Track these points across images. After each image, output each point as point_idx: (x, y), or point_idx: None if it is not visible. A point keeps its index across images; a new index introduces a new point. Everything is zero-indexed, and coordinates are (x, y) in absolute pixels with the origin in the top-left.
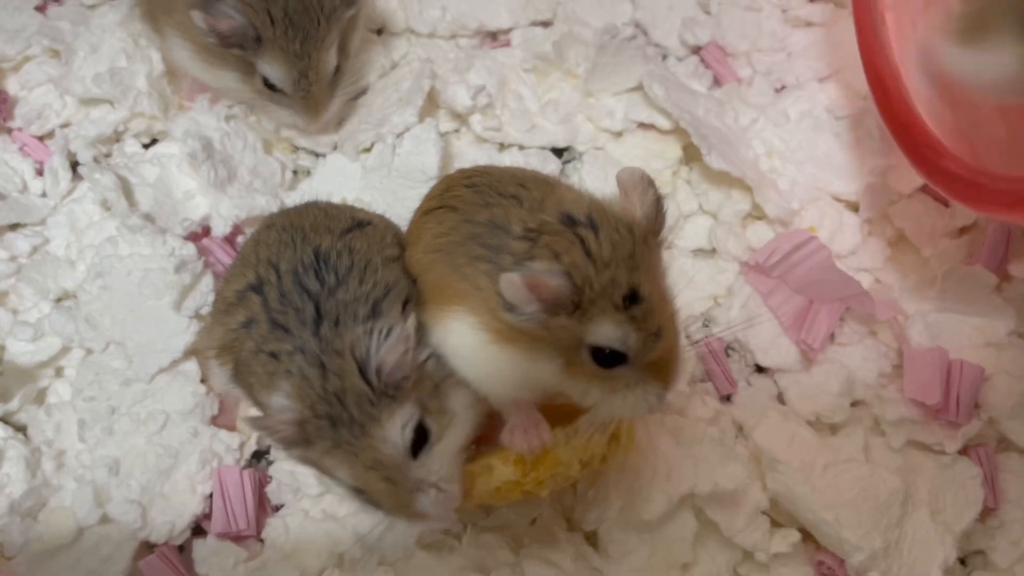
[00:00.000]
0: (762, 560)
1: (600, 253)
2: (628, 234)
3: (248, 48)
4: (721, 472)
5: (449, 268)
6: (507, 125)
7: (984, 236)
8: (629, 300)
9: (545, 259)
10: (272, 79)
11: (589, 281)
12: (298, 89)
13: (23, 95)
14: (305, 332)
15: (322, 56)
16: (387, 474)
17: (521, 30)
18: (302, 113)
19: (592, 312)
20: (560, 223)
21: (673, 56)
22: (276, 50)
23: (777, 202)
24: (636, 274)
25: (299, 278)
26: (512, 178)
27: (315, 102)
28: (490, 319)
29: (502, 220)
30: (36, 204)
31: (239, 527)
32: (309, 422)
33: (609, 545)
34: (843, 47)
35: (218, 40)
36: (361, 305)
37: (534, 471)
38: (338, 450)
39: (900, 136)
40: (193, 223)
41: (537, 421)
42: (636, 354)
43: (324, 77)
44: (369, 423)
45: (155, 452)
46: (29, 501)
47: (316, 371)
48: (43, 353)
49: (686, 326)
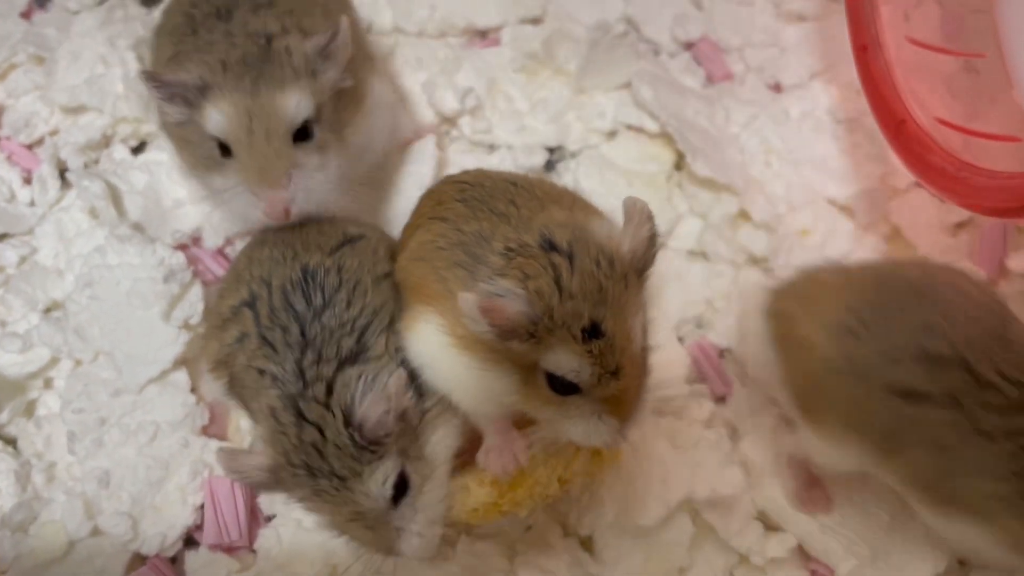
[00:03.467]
0: (758, 564)
1: (569, 284)
2: (607, 267)
3: (192, 102)
4: (718, 478)
5: (429, 270)
6: (496, 126)
7: (980, 232)
8: (589, 334)
9: (513, 279)
10: (215, 131)
11: (550, 311)
12: (241, 134)
13: (10, 103)
14: (289, 358)
15: (275, 94)
16: (368, 524)
17: (510, 28)
18: (248, 178)
19: (550, 340)
20: (539, 247)
21: (665, 52)
22: (224, 92)
23: (764, 206)
24: (601, 309)
25: (287, 296)
26: (504, 194)
27: (263, 157)
28: (455, 324)
29: (488, 233)
30: (24, 213)
31: (231, 538)
32: (283, 468)
33: (604, 551)
34: (836, 42)
35: (159, 94)
36: (346, 335)
37: (511, 492)
38: (317, 499)
39: (889, 130)
40: (183, 233)
41: (513, 441)
42: (589, 388)
43: (276, 121)
44: (351, 477)
45: (145, 463)
46: (20, 515)
47: (292, 417)
48: (32, 364)
49: (678, 327)
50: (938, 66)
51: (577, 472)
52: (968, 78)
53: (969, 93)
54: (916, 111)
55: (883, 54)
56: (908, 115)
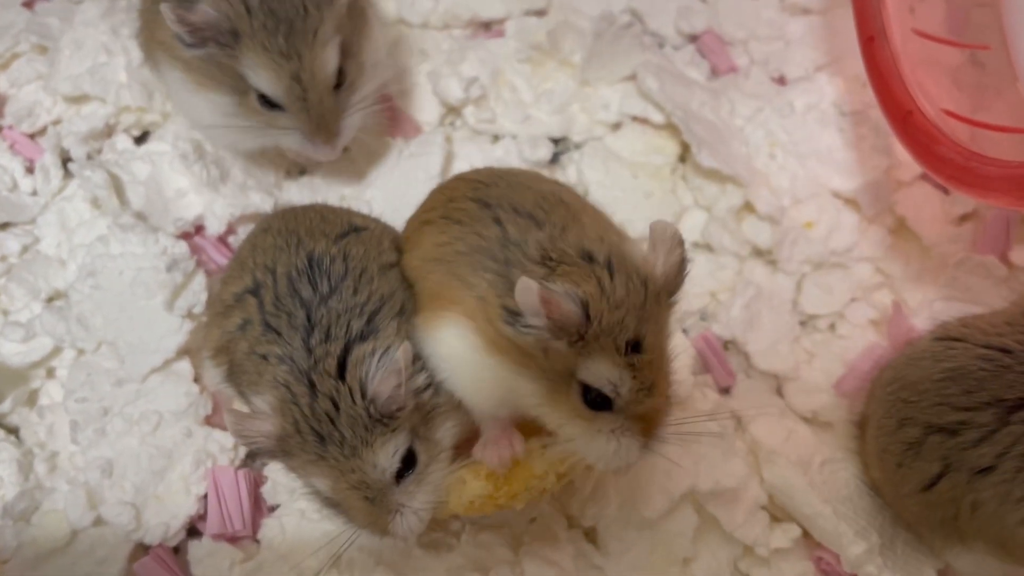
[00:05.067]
0: (763, 555)
1: (613, 294)
2: (642, 286)
3: (225, 45)
4: (722, 469)
5: (449, 276)
6: (501, 116)
7: (984, 224)
8: (632, 347)
9: (564, 283)
10: (262, 88)
11: (600, 316)
12: (294, 98)
13: (13, 93)
14: (295, 339)
15: (316, 55)
16: (369, 495)
17: (515, 20)
18: (306, 132)
19: (593, 348)
20: (579, 257)
21: (669, 45)
22: (257, 48)
23: (768, 199)
24: (644, 325)
25: (293, 283)
26: (525, 192)
27: (319, 115)
28: (485, 326)
29: (517, 238)
30: (26, 203)
31: (234, 528)
32: (291, 437)
33: (609, 542)
34: (841, 35)
35: (192, 39)
36: (355, 317)
37: (507, 485)
38: (323, 463)
39: (896, 122)
40: (186, 222)
41: (510, 435)
42: (625, 403)
43: (323, 82)
44: (361, 446)
45: (148, 453)
46: (22, 504)
47: (304, 388)
48: (34, 354)
49: (683, 320)
50: (944, 59)
51: (575, 466)
52: (973, 71)
53: (974, 86)
54: (923, 102)
55: (889, 46)
56: (915, 106)
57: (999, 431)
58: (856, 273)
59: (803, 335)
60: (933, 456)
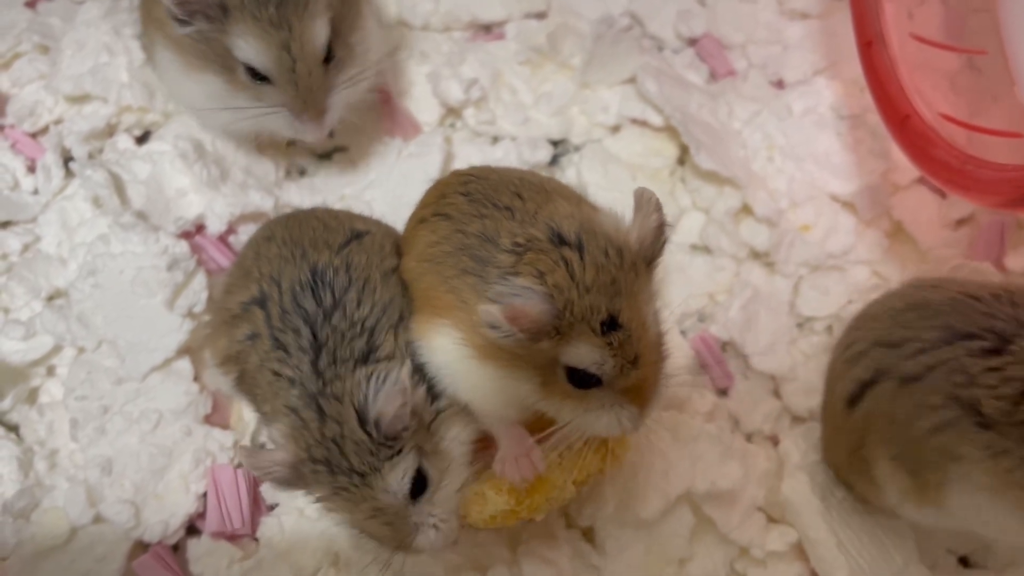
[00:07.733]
0: (758, 556)
1: (583, 277)
2: (616, 258)
3: (214, 19)
4: (719, 471)
5: (438, 279)
6: (501, 118)
7: (979, 229)
8: (607, 326)
9: (528, 276)
10: (250, 59)
11: (570, 304)
12: (283, 69)
13: (14, 92)
14: (304, 361)
15: (307, 26)
16: (386, 520)
17: (515, 22)
18: (293, 108)
19: (570, 335)
20: (548, 240)
21: (669, 48)
22: (247, 18)
23: (766, 201)
24: (617, 300)
25: (297, 297)
26: (508, 186)
27: (307, 89)
28: (472, 335)
29: (492, 232)
30: (27, 201)
31: (234, 526)
32: (304, 464)
33: (606, 542)
34: (839, 39)
35: (182, 13)
36: (356, 336)
37: (528, 499)
38: (336, 497)
39: (894, 125)
40: (187, 221)
41: (529, 448)
42: (611, 380)
43: (312, 54)
44: (369, 473)
45: (148, 451)
46: (21, 501)
47: (313, 414)
48: (35, 352)
49: (681, 321)
50: (941, 64)
51: (591, 473)
52: (971, 76)
53: (972, 91)
54: (920, 107)
55: (888, 50)
56: (912, 110)
57: (939, 349)
58: (853, 276)
59: (800, 337)
60: (870, 366)
